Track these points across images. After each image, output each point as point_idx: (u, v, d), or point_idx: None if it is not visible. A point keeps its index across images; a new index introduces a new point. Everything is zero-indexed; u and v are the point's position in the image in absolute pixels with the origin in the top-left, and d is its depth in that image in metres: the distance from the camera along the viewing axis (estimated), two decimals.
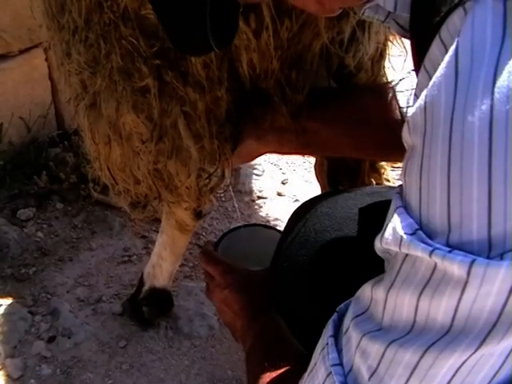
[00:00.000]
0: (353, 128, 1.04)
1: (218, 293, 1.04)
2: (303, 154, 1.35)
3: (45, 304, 1.59)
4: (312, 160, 1.44)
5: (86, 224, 1.84)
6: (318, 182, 1.36)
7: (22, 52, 1.92)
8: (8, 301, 1.58)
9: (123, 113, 1.01)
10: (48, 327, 1.53)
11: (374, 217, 0.59)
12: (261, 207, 1.95)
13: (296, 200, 1.95)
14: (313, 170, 1.41)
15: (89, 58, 0.98)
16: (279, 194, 2.00)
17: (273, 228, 1.24)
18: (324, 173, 1.30)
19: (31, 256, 1.72)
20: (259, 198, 1.99)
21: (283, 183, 2.05)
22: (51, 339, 1.51)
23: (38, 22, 1.17)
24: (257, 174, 2.06)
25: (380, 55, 1.09)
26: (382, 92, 1.06)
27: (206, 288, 1.13)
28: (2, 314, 1.54)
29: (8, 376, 1.42)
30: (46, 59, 1.97)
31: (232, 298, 1.01)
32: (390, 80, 1.11)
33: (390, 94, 1.04)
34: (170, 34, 0.71)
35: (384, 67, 1.13)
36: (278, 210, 1.91)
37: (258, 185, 2.03)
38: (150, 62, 0.93)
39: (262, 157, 1.34)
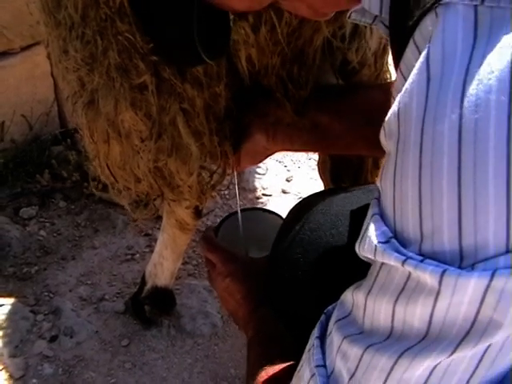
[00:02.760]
0: (364, 124, 1.03)
1: (220, 281, 1.04)
2: (314, 151, 1.34)
3: (47, 303, 1.59)
4: (316, 157, 1.43)
5: (88, 222, 1.83)
6: (321, 179, 1.35)
7: (23, 49, 1.91)
8: (10, 300, 1.58)
9: (121, 110, 1.00)
10: (50, 326, 1.52)
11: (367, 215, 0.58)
12: (265, 205, 1.94)
13: (300, 197, 1.93)
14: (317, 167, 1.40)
15: (86, 54, 0.97)
16: (284, 192, 1.99)
17: (272, 212, 1.21)
18: (327, 170, 1.29)
19: (33, 255, 1.71)
20: (264, 195, 1.98)
21: (288, 180, 2.03)
22: (53, 338, 1.50)
23: (36, 18, 1.16)
24: (261, 173, 2.05)
25: (383, 50, 1.07)
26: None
27: (207, 274, 1.13)
28: (4, 314, 1.54)
29: (10, 376, 1.42)
30: (48, 56, 1.96)
31: (234, 287, 1.01)
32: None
33: None
34: (157, 46, 0.69)
35: (387, 63, 1.11)
36: (282, 208, 1.88)
37: (262, 182, 2.02)
38: (147, 58, 0.92)
39: None
